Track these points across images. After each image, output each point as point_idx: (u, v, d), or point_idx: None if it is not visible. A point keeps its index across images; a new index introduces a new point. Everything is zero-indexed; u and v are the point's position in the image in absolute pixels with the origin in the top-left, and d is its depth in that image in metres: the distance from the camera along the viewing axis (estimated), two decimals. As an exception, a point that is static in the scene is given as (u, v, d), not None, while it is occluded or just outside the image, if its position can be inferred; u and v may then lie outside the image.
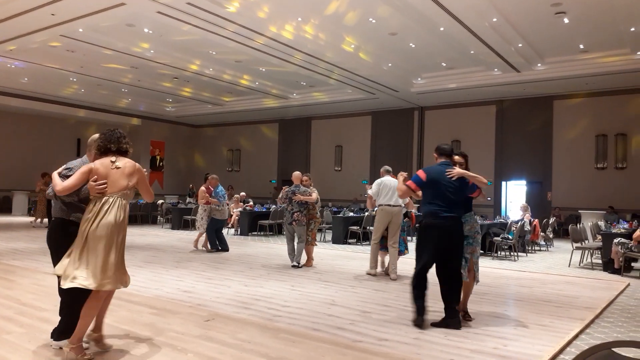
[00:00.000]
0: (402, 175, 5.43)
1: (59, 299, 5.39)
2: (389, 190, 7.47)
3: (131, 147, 3.97)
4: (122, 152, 3.87)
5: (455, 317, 4.71)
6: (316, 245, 8.96)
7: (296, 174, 8.61)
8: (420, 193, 5.00)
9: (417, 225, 5.41)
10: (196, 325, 4.49)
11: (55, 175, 3.75)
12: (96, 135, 3.98)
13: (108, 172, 3.71)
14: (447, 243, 4.73)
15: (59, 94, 20.49)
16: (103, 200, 3.64)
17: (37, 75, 17.75)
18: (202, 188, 10.44)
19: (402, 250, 7.74)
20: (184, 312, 5.02)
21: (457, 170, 4.72)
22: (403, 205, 7.61)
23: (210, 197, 10.15)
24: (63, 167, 3.89)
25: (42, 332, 4.17)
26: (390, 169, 7.85)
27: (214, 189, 10.26)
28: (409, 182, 4.87)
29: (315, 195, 8.45)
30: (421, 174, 4.84)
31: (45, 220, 15.23)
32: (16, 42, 13.63)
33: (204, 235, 10.35)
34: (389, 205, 7.43)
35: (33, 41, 13.59)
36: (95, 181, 3.64)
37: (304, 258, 8.56)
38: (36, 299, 5.42)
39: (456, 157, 5.06)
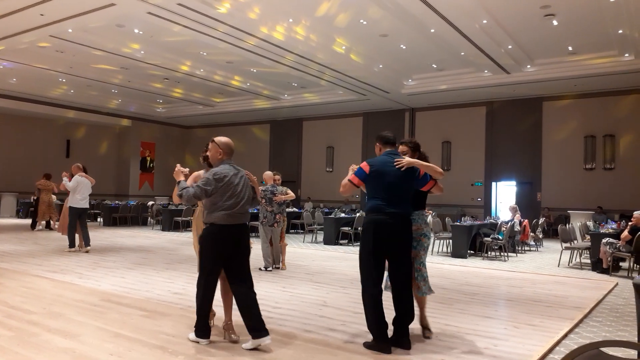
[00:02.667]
0: (352, 168, 4.29)
1: (47, 301, 5.37)
2: None
3: (204, 153, 4.65)
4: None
5: (406, 335, 4.09)
6: (287, 244, 9.01)
7: (268, 173, 8.48)
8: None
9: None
10: (187, 327, 4.46)
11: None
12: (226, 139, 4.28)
13: None
14: (394, 244, 4.06)
15: (48, 94, 20.31)
16: None
17: (26, 76, 17.59)
18: None
19: None
20: (174, 314, 5.00)
21: (407, 160, 4.08)
22: None
23: None
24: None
25: (31, 336, 4.13)
26: None
27: None
28: (352, 177, 4.15)
29: (291, 192, 8.48)
30: (365, 166, 4.15)
31: (43, 222, 14.76)
32: (4, 42, 13.49)
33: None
34: None
35: (22, 41, 13.47)
36: None
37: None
38: (24, 301, 5.37)
39: (401, 147, 4.43)
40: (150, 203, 18.78)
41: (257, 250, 10.92)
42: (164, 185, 26.29)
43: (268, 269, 8.08)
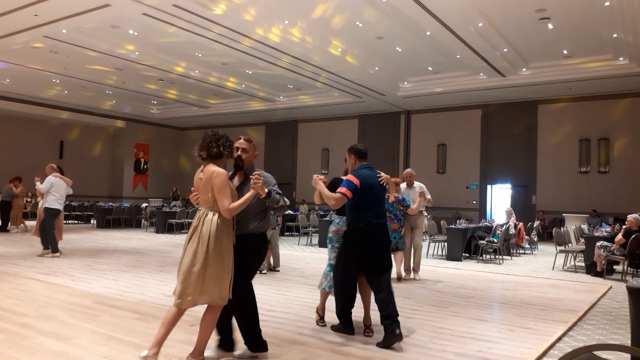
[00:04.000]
0: (320, 178, 4.53)
1: (40, 304, 5.33)
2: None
3: (227, 149, 3.58)
4: (215, 157, 3.56)
5: (396, 329, 4.18)
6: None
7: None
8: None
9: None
10: (180, 330, 4.44)
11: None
12: None
13: (197, 184, 3.60)
14: (377, 251, 4.42)
15: (41, 95, 20.23)
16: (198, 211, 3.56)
17: (19, 77, 17.51)
18: None
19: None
20: (168, 316, 4.96)
21: (385, 175, 4.58)
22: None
23: None
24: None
25: (23, 338, 4.09)
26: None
27: None
28: (345, 190, 4.32)
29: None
30: (354, 179, 4.36)
31: (22, 225, 14.77)
32: (-2, 42, 13.44)
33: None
34: None
35: (15, 42, 13.41)
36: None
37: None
38: (17, 304, 5.33)
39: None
40: (144, 205, 18.71)
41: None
42: (158, 187, 26.21)
43: (263, 271, 8.06)
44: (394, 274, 7.93)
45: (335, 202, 4.38)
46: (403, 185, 8.16)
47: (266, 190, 3.51)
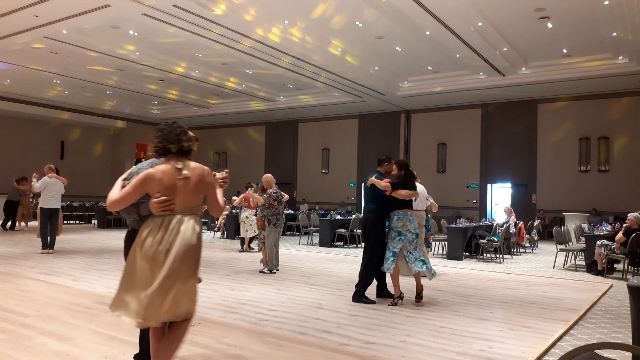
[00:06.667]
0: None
1: (41, 304, 5.34)
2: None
3: (194, 144, 3.08)
4: (185, 153, 2.98)
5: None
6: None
7: (271, 177, 8.49)
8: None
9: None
10: (182, 330, 4.44)
11: (118, 182, 3.05)
12: None
13: (175, 184, 2.84)
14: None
15: (42, 96, 20.22)
16: (168, 218, 2.83)
17: (20, 77, 17.51)
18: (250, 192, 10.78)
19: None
20: (169, 316, 4.97)
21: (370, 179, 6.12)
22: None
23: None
24: (127, 172, 3.13)
25: (24, 339, 4.10)
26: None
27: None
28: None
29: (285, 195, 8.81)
30: None
31: (23, 224, 15.17)
32: (-2, 43, 13.44)
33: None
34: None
35: (16, 43, 13.40)
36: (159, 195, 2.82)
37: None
38: (18, 304, 5.34)
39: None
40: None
41: (253, 252, 10.91)
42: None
43: (273, 271, 8.05)
44: None
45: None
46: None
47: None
